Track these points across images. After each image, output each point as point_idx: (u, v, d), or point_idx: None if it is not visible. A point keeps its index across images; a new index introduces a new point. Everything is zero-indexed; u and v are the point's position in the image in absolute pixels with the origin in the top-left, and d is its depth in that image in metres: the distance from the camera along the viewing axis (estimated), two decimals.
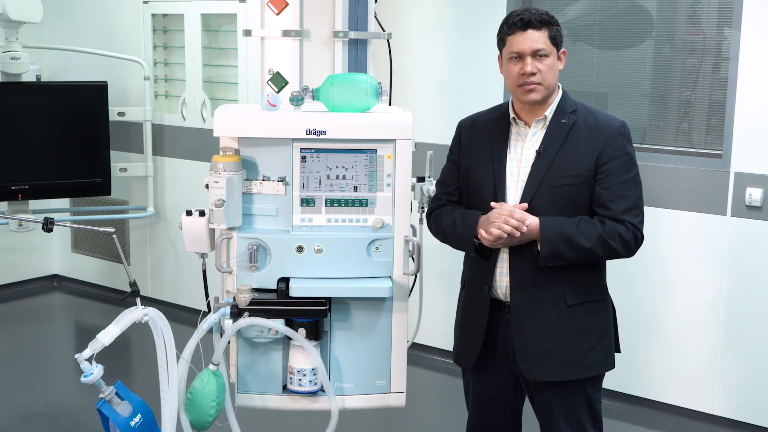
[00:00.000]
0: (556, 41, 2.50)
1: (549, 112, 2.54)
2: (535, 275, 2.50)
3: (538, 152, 2.51)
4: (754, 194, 3.78)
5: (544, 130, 2.54)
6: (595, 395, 2.61)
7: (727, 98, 3.83)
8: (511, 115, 2.59)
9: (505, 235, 2.41)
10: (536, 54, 2.46)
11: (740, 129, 3.80)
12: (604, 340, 2.60)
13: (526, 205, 2.47)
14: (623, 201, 2.48)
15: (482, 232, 2.45)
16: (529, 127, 2.56)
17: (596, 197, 2.49)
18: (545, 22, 2.48)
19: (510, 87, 2.54)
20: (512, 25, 2.49)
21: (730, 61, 3.81)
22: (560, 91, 2.57)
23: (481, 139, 2.63)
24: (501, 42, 2.55)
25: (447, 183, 2.73)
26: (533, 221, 2.43)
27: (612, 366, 2.64)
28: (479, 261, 2.59)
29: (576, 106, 2.56)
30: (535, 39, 2.46)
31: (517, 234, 2.41)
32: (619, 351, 2.68)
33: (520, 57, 2.48)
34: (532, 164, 2.51)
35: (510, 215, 2.41)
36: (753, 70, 3.75)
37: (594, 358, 2.57)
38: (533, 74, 2.46)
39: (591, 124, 2.53)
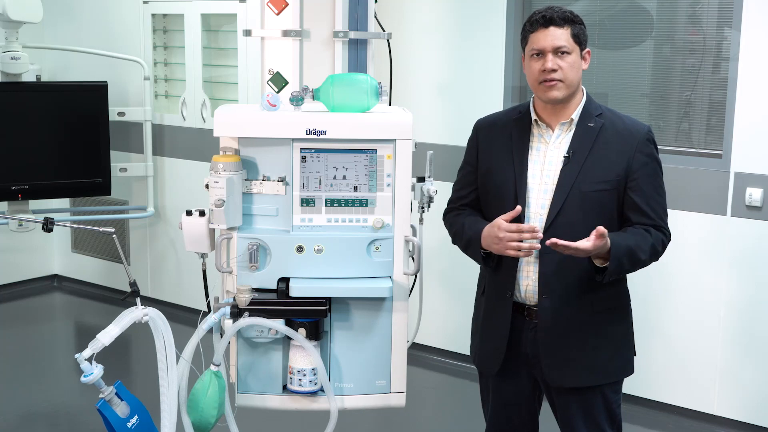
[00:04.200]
0: (579, 39, 2.47)
1: (575, 115, 2.51)
2: (564, 283, 2.48)
3: (566, 157, 2.48)
4: (754, 194, 3.78)
5: (569, 134, 2.51)
6: (614, 398, 2.61)
7: (727, 98, 3.83)
8: (533, 116, 2.55)
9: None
10: (557, 51, 2.43)
11: (740, 129, 3.80)
12: (625, 347, 2.61)
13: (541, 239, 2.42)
14: (659, 207, 2.50)
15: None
16: (552, 130, 2.53)
17: (631, 204, 2.48)
18: (568, 20, 2.45)
19: (531, 85, 2.51)
20: (534, 22, 2.47)
21: (730, 61, 3.81)
22: (585, 95, 2.55)
23: (501, 140, 2.60)
24: (524, 40, 2.52)
25: (461, 186, 2.71)
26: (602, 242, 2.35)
27: (631, 371, 2.64)
28: (501, 265, 2.57)
29: (601, 109, 2.54)
30: (557, 36, 2.43)
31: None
32: (634, 354, 2.67)
33: (541, 54, 2.45)
34: (561, 169, 2.48)
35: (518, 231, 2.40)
36: (753, 70, 3.75)
37: (615, 364, 2.58)
38: (554, 71, 2.43)
39: (619, 129, 2.50)
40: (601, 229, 2.33)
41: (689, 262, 3.96)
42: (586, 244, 2.34)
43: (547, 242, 2.36)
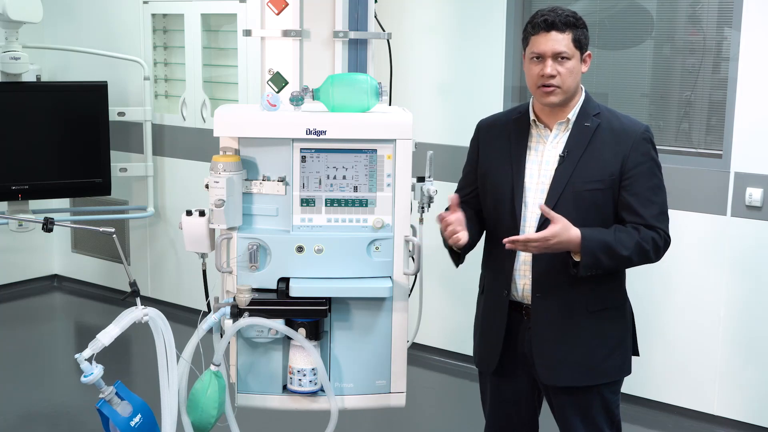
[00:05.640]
0: (580, 44, 2.46)
1: (572, 114, 2.50)
2: (558, 282, 2.48)
3: (561, 156, 2.47)
4: (754, 194, 3.78)
5: (566, 134, 2.51)
6: (612, 399, 2.60)
7: (727, 98, 3.83)
8: (531, 117, 2.55)
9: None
10: (557, 57, 2.42)
11: (740, 129, 3.80)
12: (622, 347, 2.59)
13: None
14: (652, 207, 2.47)
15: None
16: (550, 130, 2.53)
17: (624, 204, 2.47)
18: (570, 24, 2.43)
19: (530, 87, 2.51)
20: (536, 25, 2.45)
21: (730, 61, 3.81)
22: (583, 94, 2.54)
23: (500, 140, 2.60)
24: (525, 41, 2.50)
25: (462, 185, 2.72)
26: (574, 234, 2.37)
27: (628, 372, 2.63)
28: (498, 264, 2.57)
29: (599, 108, 2.53)
30: (558, 41, 2.42)
31: None
32: (637, 354, 2.67)
33: (541, 58, 2.44)
34: (556, 168, 2.48)
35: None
36: (753, 70, 3.75)
37: (611, 364, 2.56)
38: (552, 77, 2.42)
39: (615, 128, 2.50)
40: (542, 206, 2.38)
41: (689, 262, 3.96)
42: (542, 233, 2.36)
43: (505, 241, 2.39)
